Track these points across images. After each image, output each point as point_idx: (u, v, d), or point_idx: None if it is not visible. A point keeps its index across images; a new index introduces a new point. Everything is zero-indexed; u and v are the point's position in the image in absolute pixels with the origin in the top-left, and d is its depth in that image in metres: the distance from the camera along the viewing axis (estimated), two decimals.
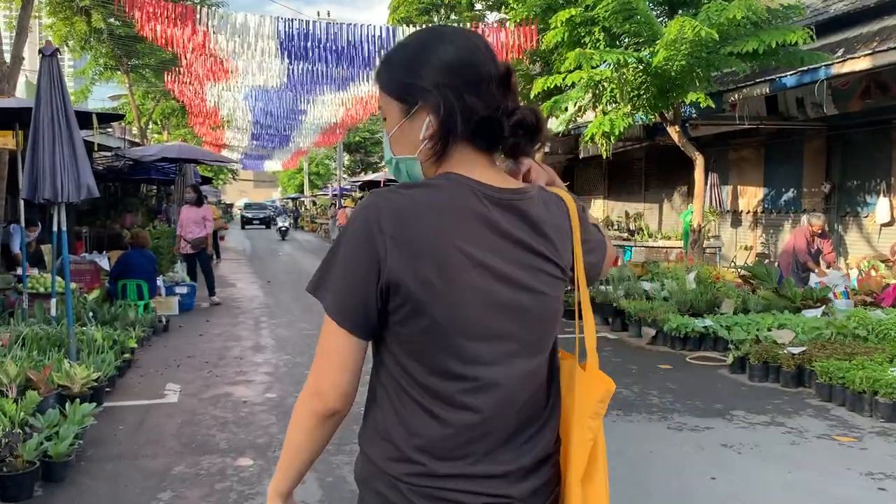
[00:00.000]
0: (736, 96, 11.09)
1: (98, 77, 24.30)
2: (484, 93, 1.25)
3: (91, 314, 8.12)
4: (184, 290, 10.50)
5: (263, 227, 42.71)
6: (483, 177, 1.25)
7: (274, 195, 78.26)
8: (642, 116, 10.82)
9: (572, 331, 1.46)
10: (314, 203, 53.67)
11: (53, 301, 7.65)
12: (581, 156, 16.83)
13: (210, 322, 9.56)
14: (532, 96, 11.95)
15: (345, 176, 42.76)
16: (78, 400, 4.72)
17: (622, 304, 8.49)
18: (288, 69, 16.77)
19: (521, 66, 15.91)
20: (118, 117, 9.56)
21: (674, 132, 11.18)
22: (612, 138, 10.59)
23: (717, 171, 14.93)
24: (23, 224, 8.35)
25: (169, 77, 17.53)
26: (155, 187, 24.38)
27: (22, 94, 13.43)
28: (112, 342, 6.87)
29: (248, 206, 48.12)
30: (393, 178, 1.37)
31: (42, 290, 8.63)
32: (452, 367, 1.21)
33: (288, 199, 65.43)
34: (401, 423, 1.24)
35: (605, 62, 10.11)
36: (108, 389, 5.75)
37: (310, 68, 16.30)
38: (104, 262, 10.46)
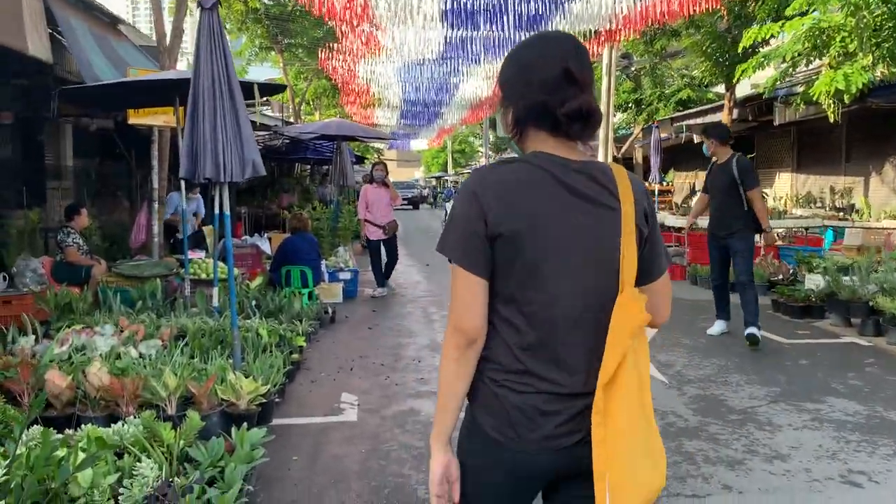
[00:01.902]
0: None
1: (254, 58, 24.47)
2: (545, 89, 1.59)
3: (254, 303, 7.43)
4: (347, 275, 9.74)
5: (411, 207, 42.24)
6: (558, 151, 1.61)
7: (416, 174, 78.63)
8: (883, 70, 8.85)
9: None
10: (457, 183, 53.13)
11: (215, 290, 6.99)
12: (776, 122, 14.66)
13: (377, 313, 8.71)
14: (740, 49, 10.20)
15: (490, 153, 41.69)
16: (245, 425, 3.83)
17: (882, 303, 6.76)
18: (445, 36, 15.83)
19: (705, 23, 14.07)
20: (280, 88, 8.81)
21: None
22: (846, 97, 8.72)
23: None
24: (183, 190, 7.73)
25: (322, 54, 17.09)
26: (308, 167, 24.35)
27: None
28: (279, 338, 6.08)
29: (394, 186, 47.63)
30: None
31: (204, 276, 8.07)
32: (538, 298, 1.56)
33: (432, 177, 65.43)
34: (502, 342, 1.59)
35: (840, 5, 8.27)
36: (277, 400, 4.89)
37: (467, 34, 15.28)
38: (265, 246, 9.87)
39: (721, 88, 20.80)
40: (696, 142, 18.91)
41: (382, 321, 8.17)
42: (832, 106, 9.22)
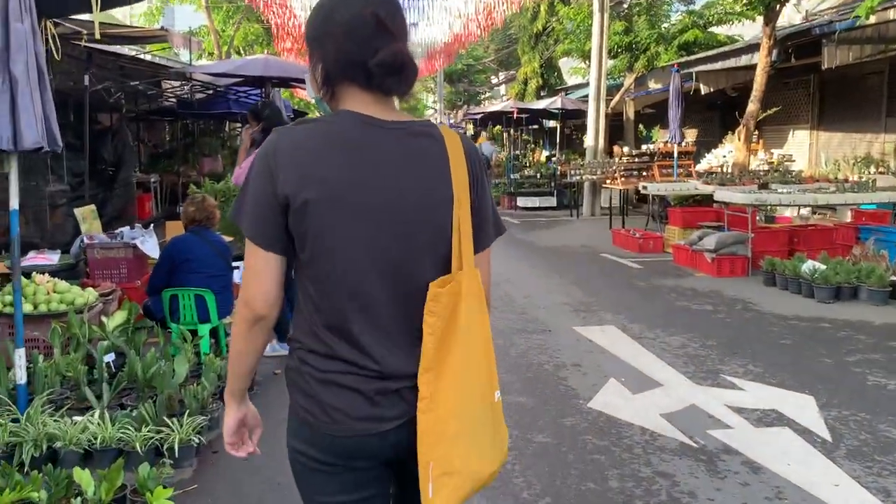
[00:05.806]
0: None
1: None
2: (357, 40, 1.40)
3: (107, 364, 4.13)
4: None
5: None
6: (369, 111, 1.43)
7: None
8: None
9: None
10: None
11: (20, 354, 3.66)
12: (825, 65, 11.67)
13: None
14: None
15: (446, 110, 38.11)
16: None
17: None
18: None
19: None
20: None
21: None
22: None
23: None
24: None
25: None
26: (239, 124, 20.50)
27: None
28: (120, 491, 2.82)
29: None
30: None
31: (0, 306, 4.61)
32: (332, 274, 1.40)
33: None
34: (304, 320, 1.46)
35: None
36: None
37: None
38: (149, 244, 6.28)
39: (725, 30, 17.78)
40: (703, 93, 15.80)
41: None
42: None
